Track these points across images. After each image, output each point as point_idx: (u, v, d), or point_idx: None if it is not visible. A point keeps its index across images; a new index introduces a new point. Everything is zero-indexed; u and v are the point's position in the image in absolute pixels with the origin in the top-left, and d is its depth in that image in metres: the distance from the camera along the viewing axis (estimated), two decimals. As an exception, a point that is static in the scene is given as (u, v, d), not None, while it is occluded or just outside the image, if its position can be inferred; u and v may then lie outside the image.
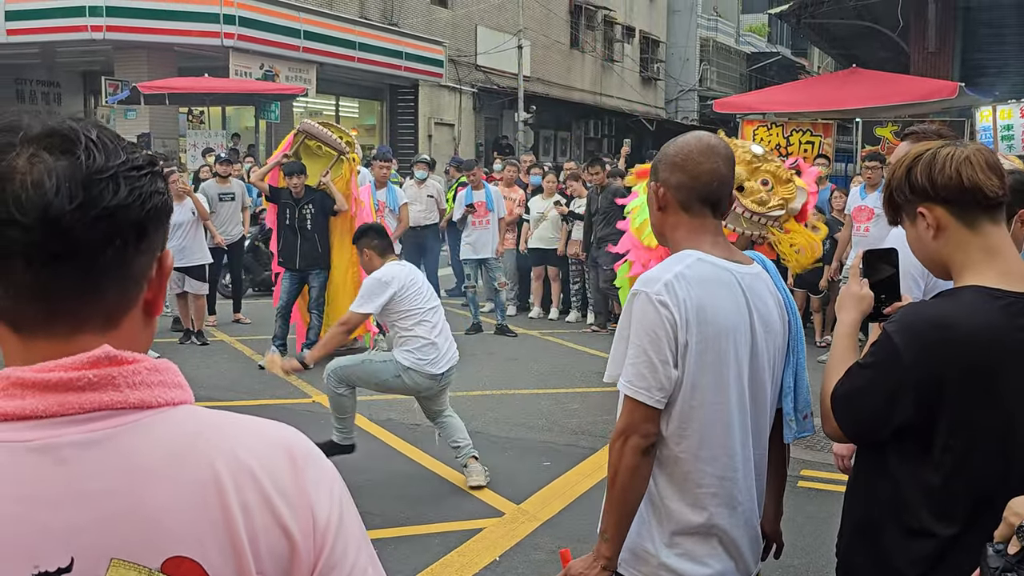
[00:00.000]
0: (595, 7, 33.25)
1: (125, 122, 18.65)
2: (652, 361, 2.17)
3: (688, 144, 2.35)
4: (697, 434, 2.23)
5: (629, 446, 2.20)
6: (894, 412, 1.99)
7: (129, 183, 1.02)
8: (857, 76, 15.67)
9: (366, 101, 25.68)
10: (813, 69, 44.48)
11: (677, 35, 39.12)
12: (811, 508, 5.73)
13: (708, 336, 2.20)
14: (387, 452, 6.65)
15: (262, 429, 1.11)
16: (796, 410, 2.46)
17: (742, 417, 2.29)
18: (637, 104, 36.12)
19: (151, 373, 1.04)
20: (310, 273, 9.16)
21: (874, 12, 18.11)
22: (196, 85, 17.32)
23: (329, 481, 1.11)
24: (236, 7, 18.20)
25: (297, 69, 20.26)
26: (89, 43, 18.07)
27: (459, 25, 26.59)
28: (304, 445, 1.12)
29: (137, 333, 1.09)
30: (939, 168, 2.02)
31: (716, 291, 2.23)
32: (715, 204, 2.33)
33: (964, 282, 2.04)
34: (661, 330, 2.17)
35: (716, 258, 2.28)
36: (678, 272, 2.21)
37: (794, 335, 2.45)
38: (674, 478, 2.27)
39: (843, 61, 22.83)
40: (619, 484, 2.22)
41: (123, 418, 1.01)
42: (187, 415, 1.06)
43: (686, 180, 2.31)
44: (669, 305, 2.17)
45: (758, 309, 2.30)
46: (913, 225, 2.11)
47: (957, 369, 1.94)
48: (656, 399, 2.19)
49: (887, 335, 2.03)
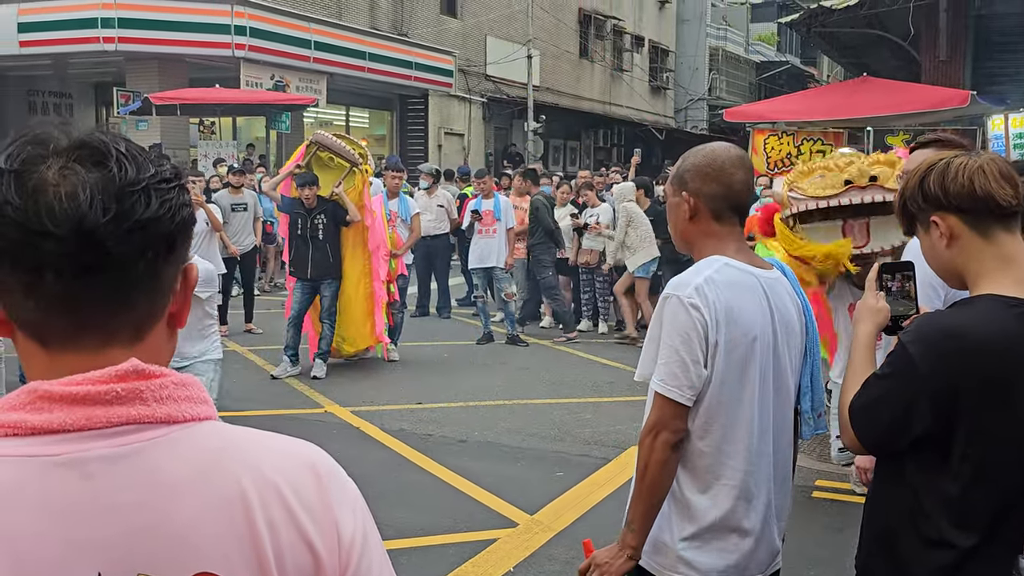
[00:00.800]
0: (604, 17, 33.30)
1: (137, 133, 18.71)
2: (684, 361, 2.28)
3: (719, 155, 2.45)
4: (721, 429, 2.34)
5: (660, 441, 2.30)
6: (912, 422, 1.98)
7: (160, 195, 1.02)
8: (868, 85, 15.66)
9: (376, 111, 25.74)
10: (822, 78, 44.46)
11: (686, 44, 39.16)
12: (826, 519, 5.71)
13: (735, 336, 2.31)
14: (399, 462, 6.64)
15: (287, 446, 1.11)
16: (812, 409, 2.60)
17: (763, 414, 2.39)
18: (646, 113, 36.14)
19: (178, 388, 1.03)
20: (322, 283, 9.16)
21: (884, 21, 18.07)
22: (207, 96, 17.38)
23: (352, 499, 1.11)
24: (247, 18, 18.27)
25: (307, 79, 20.32)
26: (101, 54, 18.16)
27: (469, 35, 26.65)
28: (328, 463, 1.12)
29: (162, 346, 1.09)
30: (952, 177, 2.02)
31: (742, 294, 2.35)
32: (743, 212, 2.47)
33: (979, 291, 2.04)
34: (693, 331, 2.28)
35: (741, 263, 2.40)
36: (708, 276, 2.32)
37: (811, 338, 2.56)
38: (696, 472, 2.37)
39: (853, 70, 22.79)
40: (649, 477, 2.32)
41: (150, 432, 1.01)
42: (213, 431, 1.05)
43: (720, 190, 2.41)
44: (700, 307, 2.28)
45: (780, 312, 2.42)
46: (927, 234, 2.11)
47: (973, 378, 1.93)
48: (687, 397, 2.30)
49: (903, 346, 2.02)
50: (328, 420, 7.74)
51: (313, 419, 7.79)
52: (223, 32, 18.12)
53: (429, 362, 10.09)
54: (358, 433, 7.37)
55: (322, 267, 9.09)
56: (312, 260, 9.11)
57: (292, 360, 9.20)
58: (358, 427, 7.51)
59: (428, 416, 7.81)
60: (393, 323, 10.18)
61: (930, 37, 17.27)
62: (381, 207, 10.01)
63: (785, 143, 15.37)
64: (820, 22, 18.95)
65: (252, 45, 18.35)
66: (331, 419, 7.77)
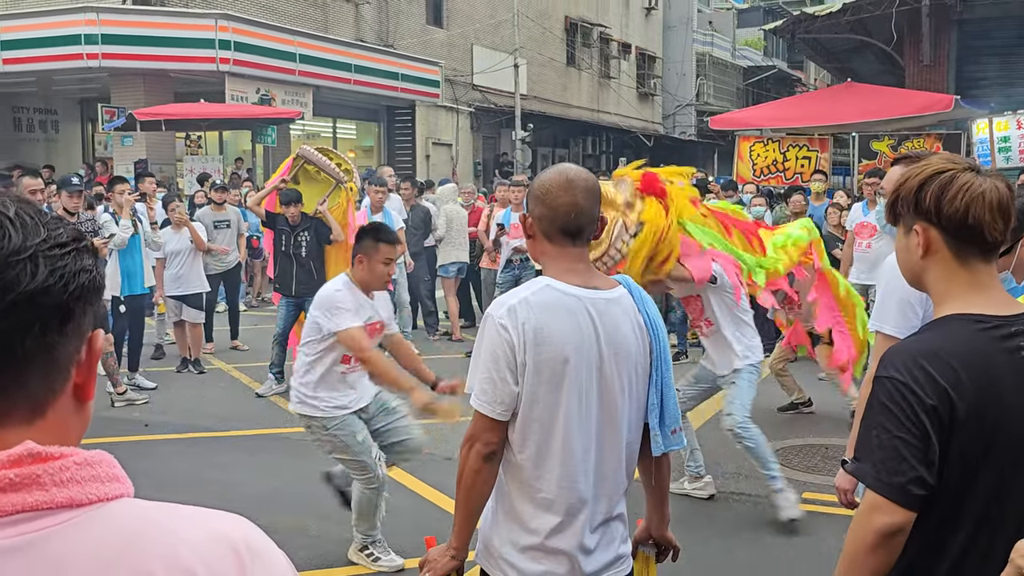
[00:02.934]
0: (591, 24, 33.35)
1: (122, 149, 18.68)
2: (493, 378, 2.42)
3: (550, 179, 2.54)
4: (535, 445, 2.46)
5: (473, 451, 2.46)
6: (927, 445, 1.91)
7: (50, 263, 0.94)
8: (852, 90, 15.69)
9: (363, 123, 25.72)
10: (810, 82, 44.63)
11: (673, 50, 39.23)
12: (813, 532, 5.67)
13: (544, 357, 2.40)
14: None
15: (208, 525, 1.01)
16: (663, 425, 2.60)
17: (584, 432, 2.46)
18: (634, 120, 36.18)
19: (81, 468, 0.95)
20: (306, 300, 9.11)
21: (868, 26, 18.14)
22: (192, 111, 17.34)
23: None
24: (231, 32, 18.23)
25: (293, 92, 20.29)
26: (85, 71, 18.10)
27: (455, 45, 26.66)
28: (254, 540, 1.02)
29: (67, 422, 1.01)
30: (950, 196, 1.98)
31: (557, 315, 2.42)
32: (575, 234, 2.50)
33: (944, 311, 2.03)
34: (500, 350, 2.41)
35: (565, 284, 2.47)
36: (523, 298, 2.44)
37: (657, 355, 2.58)
38: (519, 483, 2.50)
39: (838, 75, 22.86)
40: (464, 484, 2.49)
41: (49, 519, 0.92)
42: (122, 511, 0.97)
43: (547, 213, 2.51)
44: (508, 328, 2.40)
45: (607, 333, 2.47)
46: (906, 236, 2.10)
47: (955, 389, 1.91)
48: (497, 412, 2.43)
49: (881, 381, 1.98)
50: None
51: (297, 438, 7.72)
52: (207, 47, 18.07)
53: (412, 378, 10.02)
54: (343, 452, 7.31)
55: (306, 284, 9.05)
56: (296, 277, 9.09)
57: (277, 378, 9.17)
58: (343, 445, 7.45)
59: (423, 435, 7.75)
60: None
61: (914, 42, 17.34)
62: (365, 221, 9.98)
63: (771, 149, 15.38)
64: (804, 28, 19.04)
65: (237, 59, 18.31)
66: (316, 438, 7.72)
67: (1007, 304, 2.04)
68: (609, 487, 2.54)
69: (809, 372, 10.11)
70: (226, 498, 5.85)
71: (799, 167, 15.00)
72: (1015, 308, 2.04)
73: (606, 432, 2.50)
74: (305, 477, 6.71)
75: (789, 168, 15.13)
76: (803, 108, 16.51)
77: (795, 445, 7.49)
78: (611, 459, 2.53)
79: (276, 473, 6.85)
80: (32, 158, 19.58)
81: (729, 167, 16.88)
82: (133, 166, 18.07)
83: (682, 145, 36.94)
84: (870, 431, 1.98)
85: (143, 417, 8.24)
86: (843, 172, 16.68)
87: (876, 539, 1.92)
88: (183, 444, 7.47)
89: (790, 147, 15.23)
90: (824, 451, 7.34)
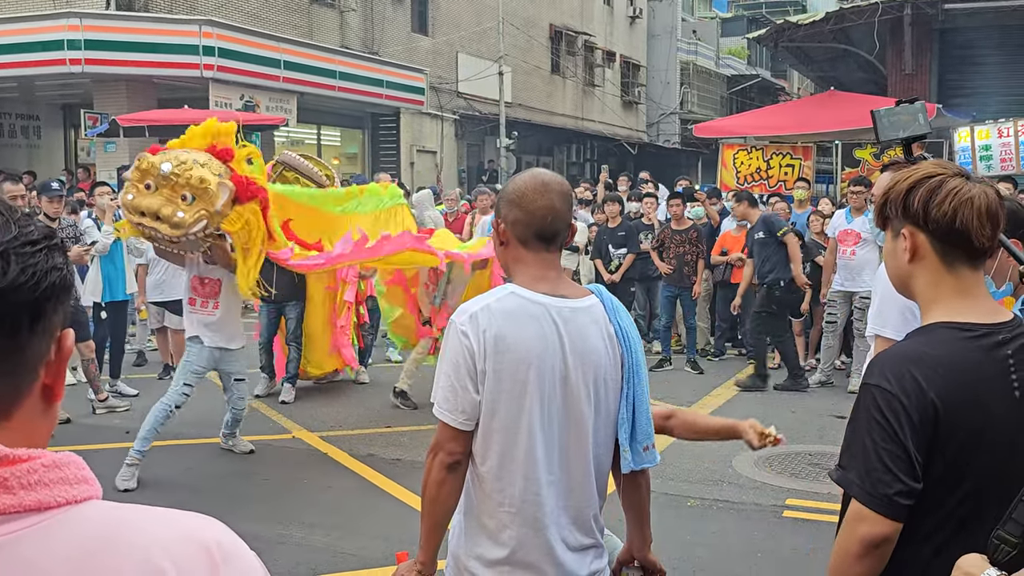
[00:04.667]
0: (575, 33, 33.41)
1: (105, 155, 18.56)
2: (454, 386, 2.36)
3: (524, 183, 2.48)
4: (497, 456, 2.39)
5: (436, 461, 2.40)
6: (910, 455, 1.90)
7: (21, 260, 0.93)
8: (835, 99, 15.78)
9: (348, 130, 25.66)
10: (793, 90, 44.84)
11: (657, 59, 39.33)
12: (797, 539, 5.69)
13: (505, 365, 2.34)
14: (367, 488, 6.57)
15: (179, 526, 1.00)
16: (634, 440, 2.51)
17: (547, 443, 2.39)
18: (619, 128, 36.25)
19: (49, 470, 0.93)
20: (286, 305, 9.09)
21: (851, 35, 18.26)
22: (175, 117, 17.21)
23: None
24: (215, 38, 18.16)
25: (278, 99, 20.22)
26: (68, 76, 17.99)
27: (440, 52, 26.65)
28: (226, 542, 1.01)
29: (34, 423, 0.99)
30: (938, 200, 1.98)
31: (520, 323, 2.36)
32: (549, 238, 2.46)
33: (931, 318, 2.03)
34: (461, 358, 2.35)
35: (530, 291, 2.41)
36: (486, 304, 2.38)
37: (629, 367, 2.50)
38: (482, 495, 2.43)
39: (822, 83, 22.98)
40: (427, 496, 2.43)
41: (17, 523, 0.91)
42: (93, 513, 0.96)
43: (522, 217, 2.44)
44: (469, 335, 2.34)
45: (572, 341, 2.39)
46: (893, 240, 2.09)
47: (940, 394, 1.91)
48: (459, 421, 2.37)
49: (868, 391, 1.96)
50: (296, 446, 7.66)
51: (280, 445, 7.70)
52: (191, 53, 17.99)
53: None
54: (326, 459, 7.29)
55: (286, 289, 8.99)
56: (277, 283, 9.03)
57: (270, 375, 9.28)
58: (326, 452, 7.43)
59: (397, 440, 7.75)
60: (363, 345, 10.13)
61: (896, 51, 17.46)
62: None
63: (755, 157, 15.43)
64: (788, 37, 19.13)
65: (221, 65, 18.24)
66: (299, 445, 7.69)
67: (994, 312, 2.04)
68: (577, 499, 2.46)
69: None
70: (208, 505, 5.81)
71: (782, 175, 15.05)
72: (1001, 316, 2.04)
73: (571, 443, 2.42)
74: (288, 484, 6.68)
75: (772, 176, 15.18)
76: (786, 116, 16.59)
77: (779, 452, 7.50)
78: (577, 471, 2.45)
79: (258, 481, 6.81)
80: (14, 164, 19.44)
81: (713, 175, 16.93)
82: (116, 172, 17.97)
83: (666, 153, 37.02)
84: (856, 439, 1.97)
85: (124, 424, 8.17)
86: (826, 180, 16.76)
87: (862, 549, 1.91)
88: (165, 451, 7.41)
89: (773, 155, 15.29)
90: (808, 458, 7.35)
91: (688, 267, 10.86)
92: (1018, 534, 1.74)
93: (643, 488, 2.64)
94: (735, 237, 11.28)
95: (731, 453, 7.41)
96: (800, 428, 8.24)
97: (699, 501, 6.35)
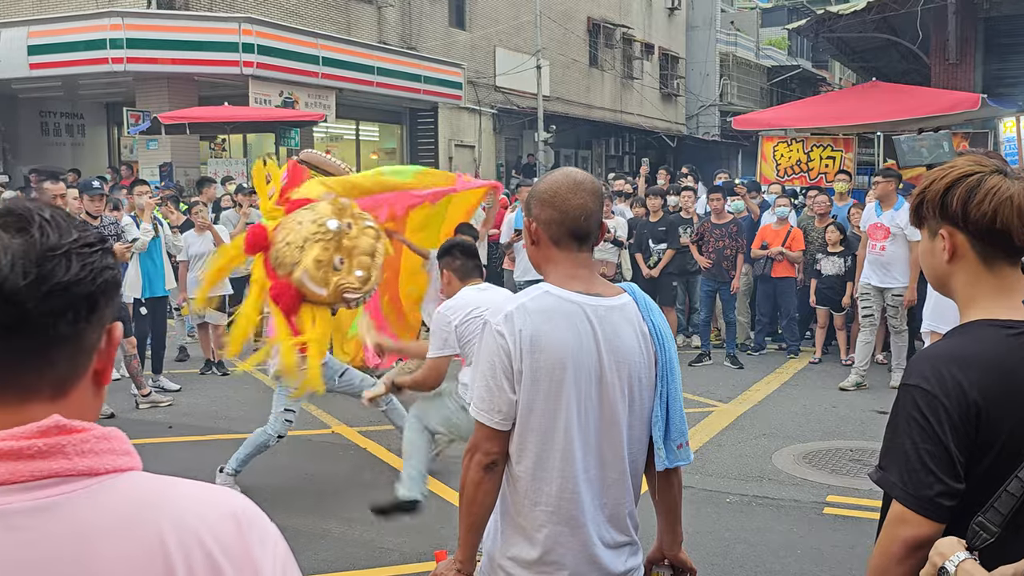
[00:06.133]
0: (613, 25, 33.27)
1: (147, 152, 18.79)
2: (490, 386, 2.36)
3: (557, 181, 2.46)
4: (534, 455, 2.38)
5: (474, 462, 2.41)
6: (952, 456, 1.87)
7: (81, 259, 1.08)
8: (877, 89, 15.55)
9: (386, 125, 25.77)
10: (835, 81, 44.32)
11: (696, 51, 39.08)
12: (837, 536, 5.63)
13: (541, 364, 2.34)
14: (406, 484, 6.58)
15: (210, 495, 1.15)
16: (668, 439, 2.51)
17: (584, 441, 2.39)
18: (658, 121, 36.07)
19: (99, 441, 1.08)
20: None
21: (893, 24, 17.98)
22: (216, 114, 17.42)
23: (273, 543, 1.15)
24: (255, 36, 18.31)
25: (316, 95, 20.35)
26: (111, 75, 18.22)
27: (477, 47, 26.67)
28: (250, 511, 1.16)
29: (87, 402, 1.14)
30: (977, 200, 1.94)
31: (555, 322, 2.36)
32: (583, 238, 2.45)
33: (971, 316, 1.99)
34: (497, 358, 2.35)
35: (564, 290, 2.40)
36: (521, 304, 2.38)
37: (663, 365, 2.50)
38: (518, 495, 2.43)
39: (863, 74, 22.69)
40: (466, 496, 2.43)
41: (72, 485, 1.05)
42: (135, 482, 1.10)
43: (556, 216, 2.43)
44: (505, 335, 2.34)
45: (607, 339, 2.39)
46: (931, 240, 2.05)
47: (984, 393, 1.87)
48: (495, 421, 2.37)
49: (907, 391, 1.93)
50: (336, 441, 7.71)
51: (321, 440, 7.76)
52: (231, 50, 18.16)
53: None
54: (365, 454, 7.34)
55: None
56: None
57: None
58: (366, 448, 7.47)
59: (436, 435, 7.75)
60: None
61: (939, 40, 17.17)
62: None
63: (795, 150, 15.26)
64: (828, 27, 18.88)
65: (260, 62, 18.39)
66: (339, 440, 7.75)
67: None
68: (613, 498, 2.46)
69: (834, 377, 10.06)
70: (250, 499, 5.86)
71: (823, 167, 14.88)
72: None
73: (607, 441, 2.43)
74: (327, 479, 6.73)
75: (813, 168, 15.02)
76: (827, 108, 16.37)
77: (819, 448, 7.43)
78: (613, 469, 2.45)
79: (298, 476, 6.86)
80: (59, 162, 19.74)
81: (753, 167, 16.77)
82: (158, 169, 18.20)
83: (705, 145, 36.77)
84: (896, 441, 1.94)
85: (167, 419, 8.28)
86: (868, 172, 16.53)
87: (904, 551, 1.89)
88: (206, 446, 7.50)
89: (814, 147, 15.10)
90: (849, 454, 7.27)
91: (727, 261, 10.78)
92: (998, 523, 1.73)
93: (675, 487, 2.64)
94: (775, 231, 11.18)
95: (771, 449, 7.35)
96: (841, 424, 8.16)
97: (738, 497, 6.31)
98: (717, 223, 10.95)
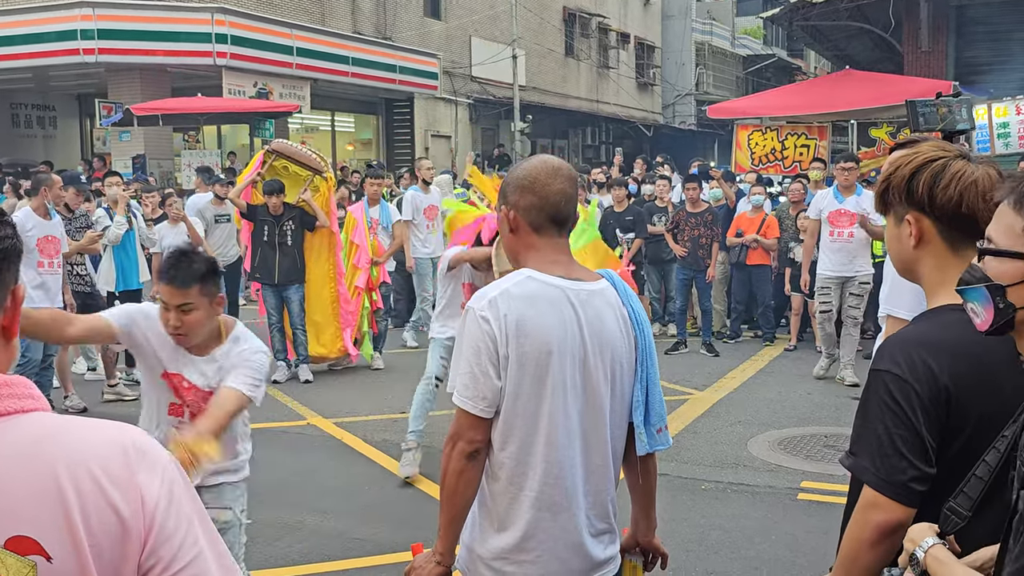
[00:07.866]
0: (589, 15, 33.26)
1: (120, 144, 18.63)
2: (475, 373, 2.33)
3: (535, 167, 2.46)
4: (519, 440, 2.36)
5: (456, 451, 2.36)
6: (924, 441, 1.88)
7: None
8: (850, 78, 15.63)
9: (361, 115, 25.67)
10: (810, 70, 44.50)
11: (672, 40, 39.13)
12: (811, 522, 5.66)
13: (527, 349, 2.32)
14: (381, 474, 6.58)
15: (101, 430, 1.28)
16: (649, 423, 2.51)
17: (567, 427, 2.38)
18: (634, 110, 36.11)
19: (1, 387, 1.22)
20: (289, 288, 9.26)
21: (866, 13, 18.07)
22: (189, 105, 17.30)
23: (161, 470, 1.27)
24: (228, 26, 18.19)
25: (291, 86, 20.25)
26: (82, 66, 18.07)
27: (453, 37, 26.59)
28: (139, 441, 1.28)
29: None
30: (943, 184, 1.95)
31: (539, 307, 2.34)
32: (562, 223, 2.45)
33: (939, 301, 2.01)
34: (482, 344, 2.32)
35: (546, 275, 2.39)
36: (504, 289, 2.36)
37: (642, 349, 2.50)
38: (500, 482, 2.40)
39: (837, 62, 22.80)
40: (447, 486, 2.38)
41: None
42: (36, 421, 1.23)
43: (536, 201, 2.42)
44: (490, 320, 2.31)
45: (590, 324, 2.39)
46: (896, 226, 2.06)
47: (954, 378, 1.89)
48: (480, 408, 2.33)
49: (878, 376, 1.94)
50: (311, 432, 7.69)
51: (295, 431, 7.73)
52: (204, 41, 18.03)
53: (414, 370, 9.98)
54: (340, 445, 7.31)
55: (290, 273, 9.23)
56: (280, 266, 9.22)
57: (287, 364, 9.33)
58: (340, 439, 7.45)
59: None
60: (377, 331, 10.15)
61: (912, 28, 17.28)
62: (362, 214, 10.00)
63: (769, 138, 15.32)
64: (803, 15, 18.96)
65: (234, 53, 18.28)
66: (314, 431, 7.72)
67: None
68: (595, 483, 2.45)
69: (809, 364, 10.11)
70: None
71: (798, 155, 14.94)
72: None
73: (591, 426, 2.42)
74: (302, 472, 6.70)
75: (788, 156, 15.08)
76: (802, 96, 16.43)
77: (794, 435, 7.47)
78: (597, 454, 2.44)
79: (272, 468, 6.82)
80: (31, 155, 19.56)
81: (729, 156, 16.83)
82: (131, 161, 18.04)
83: (682, 135, 36.84)
84: (867, 426, 1.95)
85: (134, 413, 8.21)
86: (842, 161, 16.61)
87: (876, 536, 1.89)
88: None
89: (788, 135, 15.16)
90: (823, 440, 7.32)
91: (703, 250, 10.80)
92: (967, 507, 1.74)
93: (652, 472, 2.64)
94: (750, 219, 11.21)
95: (747, 436, 7.39)
96: (816, 410, 8.20)
97: (714, 484, 6.33)
98: (692, 211, 10.97)
